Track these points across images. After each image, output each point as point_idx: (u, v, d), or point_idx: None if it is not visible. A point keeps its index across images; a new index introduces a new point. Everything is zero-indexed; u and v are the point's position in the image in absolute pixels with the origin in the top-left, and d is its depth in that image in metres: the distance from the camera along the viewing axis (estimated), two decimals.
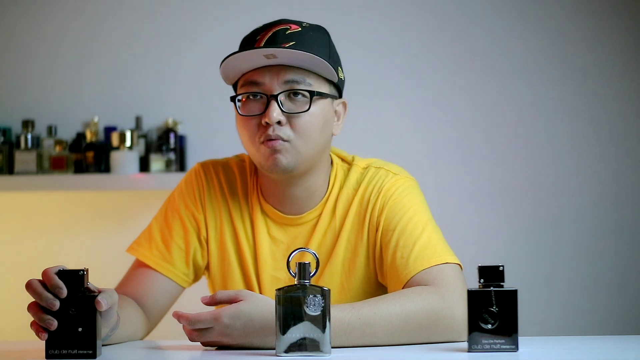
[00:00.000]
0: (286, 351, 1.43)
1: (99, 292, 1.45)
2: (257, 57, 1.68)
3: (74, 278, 1.43)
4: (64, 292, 1.42)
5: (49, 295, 1.42)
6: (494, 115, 3.13)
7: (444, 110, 3.14)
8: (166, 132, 3.08)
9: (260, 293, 1.79)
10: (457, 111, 3.13)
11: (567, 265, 3.09)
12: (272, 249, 1.79)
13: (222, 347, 1.53)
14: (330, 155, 1.84)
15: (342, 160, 1.85)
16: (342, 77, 1.79)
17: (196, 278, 1.87)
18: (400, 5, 3.15)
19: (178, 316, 1.52)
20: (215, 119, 3.14)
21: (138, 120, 3.13)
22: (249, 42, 1.74)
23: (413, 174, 1.86)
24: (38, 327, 1.43)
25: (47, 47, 3.21)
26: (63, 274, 1.44)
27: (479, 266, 1.47)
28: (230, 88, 1.81)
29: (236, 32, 3.16)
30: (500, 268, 1.46)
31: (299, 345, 1.43)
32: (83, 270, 1.44)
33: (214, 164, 1.87)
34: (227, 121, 3.14)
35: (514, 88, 3.12)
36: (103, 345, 1.52)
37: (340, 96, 1.80)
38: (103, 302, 1.42)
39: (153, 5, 3.20)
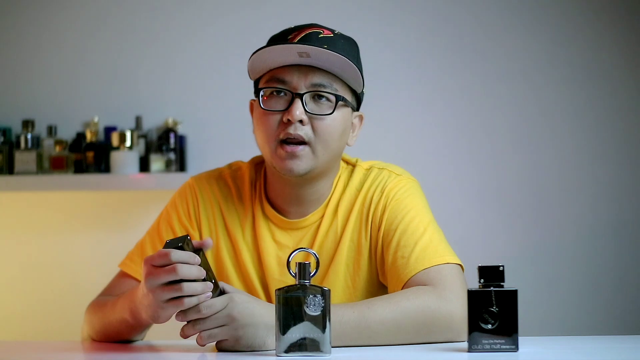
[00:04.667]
0: (286, 351, 1.43)
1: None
2: (290, 53, 1.68)
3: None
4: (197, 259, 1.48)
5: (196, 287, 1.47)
6: (495, 115, 3.13)
7: (444, 111, 3.14)
8: (166, 132, 3.08)
9: (267, 300, 1.77)
10: (457, 112, 3.13)
11: (567, 265, 3.09)
12: (277, 254, 1.78)
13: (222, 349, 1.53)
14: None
15: (347, 163, 1.86)
16: (363, 91, 1.80)
17: None
18: (402, 5, 3.15)
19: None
20: (215, 119, 3.14)
21: (138, 120, 3.13)
22: (279, 41, 1.73)
23: (414, 174, 1.86)
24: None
25: (47, 47, 3.21)
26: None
27: (479, 266, 1.47)
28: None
29: (236, 32, 3.18)
30: (500, 268, 1.47)
31: (299, 346, 1.43)
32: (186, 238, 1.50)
33: (208, 178, 1.85)
34: (227, 121, 3.16)
35: (514, 89, 3.12)
36: (111, 342, 1.52)
37: (358, 109, 1.81)
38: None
39: (153, 5, 3.20)
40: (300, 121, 1.68)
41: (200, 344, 1.51)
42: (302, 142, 1.69)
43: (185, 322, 1.51)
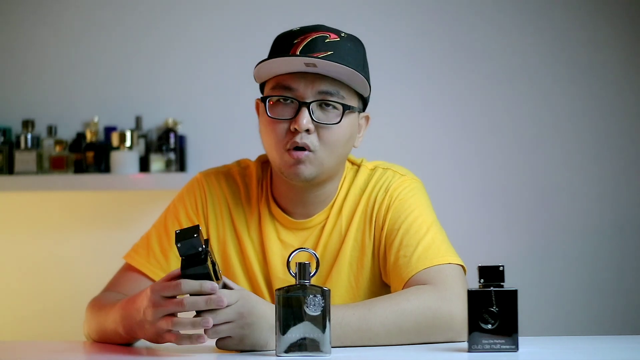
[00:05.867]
0: (286, 351, 1.43)
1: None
2: (297, 64, 1.67)
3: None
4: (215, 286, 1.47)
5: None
6: (498, 116, 3.13)
7: (448, 111, 3.14)
8: (166, 132, 3.08)
9: (271, 299, 1.77)
10: (460, 112, 3.13)
11: (567, 265, 3.09)
12: (282, 254, 1.78)
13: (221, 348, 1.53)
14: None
15: (352, 163, 1.86)
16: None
17: None
18: (407, 4, 3.15)
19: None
20: (215, 119, 3.14)
21: (138, 120, 3.13)
22: (285, 44, 1.72)
23: (417, 173, 1.86)
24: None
25: (48, 48, 3.21)
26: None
27: (479, 266, 1.47)
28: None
29: (237, 33, 3.18)
30: (500, 268, 1.47)
31: (299, 346, 1.43)
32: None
33: (216, 174, 1.85)
34: (227, 121, 3.16)
35: (518, 89, 3.12)
36: (106, 343, 1.52)
37: (364, 109, 1.80)
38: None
39: (153, 5, 3.20)
40: (307, 130, 1.68)
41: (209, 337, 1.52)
42: (308, 149, 1.70)
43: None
